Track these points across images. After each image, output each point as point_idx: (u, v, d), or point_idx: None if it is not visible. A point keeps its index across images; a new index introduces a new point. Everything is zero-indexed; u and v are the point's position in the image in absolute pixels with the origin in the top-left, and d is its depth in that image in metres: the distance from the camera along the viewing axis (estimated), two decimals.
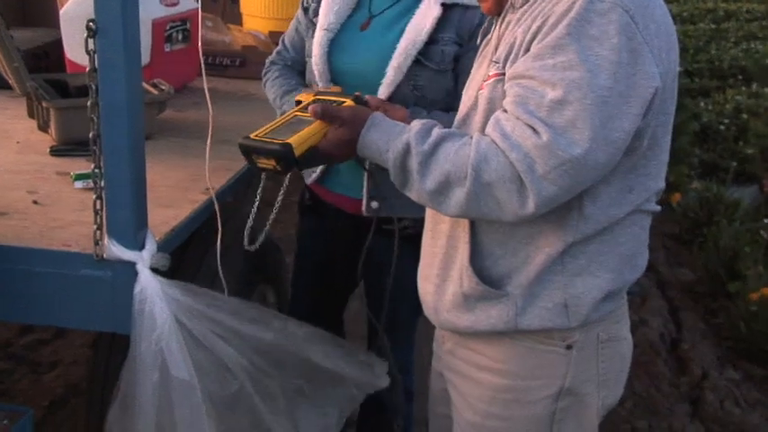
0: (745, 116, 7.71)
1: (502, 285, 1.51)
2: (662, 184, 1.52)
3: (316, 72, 2.14)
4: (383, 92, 2.03)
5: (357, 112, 1.52)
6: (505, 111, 1.37)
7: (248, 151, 1.49)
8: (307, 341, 1.99)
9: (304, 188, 2.37)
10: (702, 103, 8.39)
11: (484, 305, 1.53)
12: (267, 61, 2.35)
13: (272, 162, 1.47)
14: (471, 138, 1.38)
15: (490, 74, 1.47)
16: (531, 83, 1.33)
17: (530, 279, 1.48)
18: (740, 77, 10.10)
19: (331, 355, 2.05)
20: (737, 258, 4.38)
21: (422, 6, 2.06)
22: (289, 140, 1.45)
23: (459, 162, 1.35)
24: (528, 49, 1.38)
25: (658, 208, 1.55)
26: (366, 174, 2.06)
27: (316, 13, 2.18)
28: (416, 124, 1.44)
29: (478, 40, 1.69)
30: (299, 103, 1.65)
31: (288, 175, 2.16)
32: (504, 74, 1.43)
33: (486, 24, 1.67)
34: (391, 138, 1.44)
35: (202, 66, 1.83)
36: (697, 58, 11.30)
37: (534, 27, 1.38)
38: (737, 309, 3.93)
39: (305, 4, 2.25)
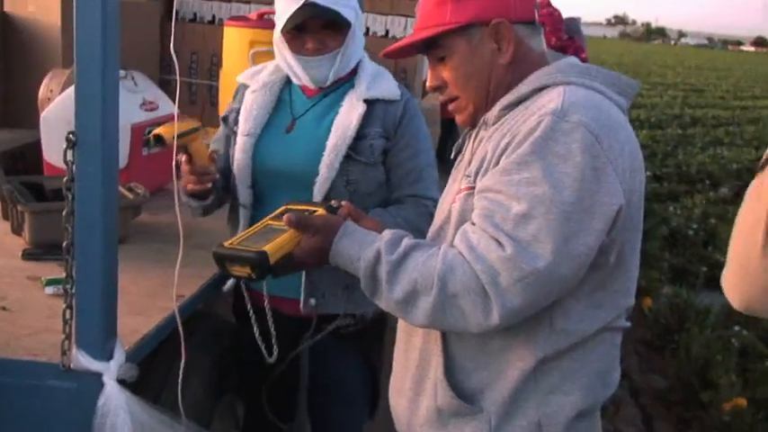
0: (713, 221, 7.85)
1: (476, 400, 1.51)
2: (631, 301, 1.55)
3: (238, 176, 2.20)
4: (319, 190, 2.09)
5: (329, 220, 1.55)
6: (473, 223, 1.41)
7: (222, 260, 1.51)
8: None
9: (236, 294, 2.36)
10: (671, 208, 8.55)
11: (458, 421, 1.52)
12: None
13: (247, 269, 1.48)
14: (440, 248, 1.42)
15: (462, 187, 1.52)
16: (497, 197, 1.38)
17: (504, 396, 1.48)
18: (707, 182, 10.33)
19: None
20: (709, 366, 4.38)
21: (345, 104, 2.16)
22: (264, 248, 1.47)
23: (425, 272, 1.39)
24: (497, 164, 1.42)
25: (628, 324, 1.57)
26: (303, 272, 2.09)
27: (235, 122, 2.25)
28: (387, 234, 1.48)
29: (452, 155, 1.73)
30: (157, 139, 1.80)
31: None
32: (473, 187, 1.47)
33: (459, 141, 1.72)
34: (363, 247, 1.48)
35: (174, 174, 1.86)
36: (665, 162, 11.60)
37: (503, 143, 1.43)
38: (711, 419, 3.92)
39: (224, 115, 2.34)
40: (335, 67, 2.15)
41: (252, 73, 2.32)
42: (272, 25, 3.29)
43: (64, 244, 1.61)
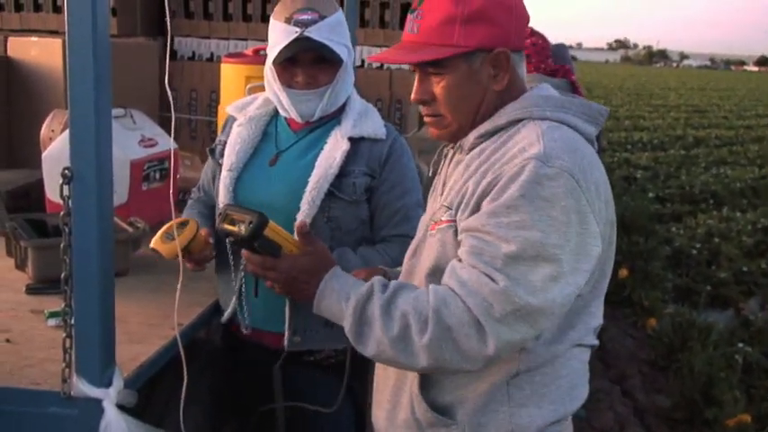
0: (716, 240, 7.88)
1: (451, 413, 1.57)
2: (600, 321, 1.61)
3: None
4: None
5: (328, 254, 1.63)
6: (460, 260, 1.45)
7: (227, 209, 1.64)
8: None
9: (214, 329, 2.39)
10: (674, 228, 8.57)
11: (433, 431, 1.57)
12: (189, 198, 2.49)
13: (242, 226, 1.58)
14: (427, 286, 1.47)
15: (443, 219, 1.55)
16: (486, 237, 1.41)
17: (476, 408, 1.54)
18: (711, 202, 10.36)
19: None
20: (713, 384, 4.41)
21: (330, 141, 2.16)
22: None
23: (419, 307, 1.43)
24: (479, 204, 1.46)
25: (597, 342, 1.62)
26: (287, 307, 2.12)
27: (221, 155, 2.27)
28: (376, 278, 1.54)
29: (429, 172, 1.79)
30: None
31: None
32: (454, 221, 1.51)
33: (435, 157, 1.76)
34: (353, 287, 1.53)
35: (173, 207, 1.91)
36: (668, 183, 11.63)
37: (484, 183, 1.46)
38: None
39: (212, 147, 2.36)
40: (324, 103, 2.16)
41: (241, 105, 2.33)
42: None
43: (62, 276, 1.67)
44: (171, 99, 1.99)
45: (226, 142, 2.27)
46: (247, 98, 2.36)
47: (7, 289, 2.41)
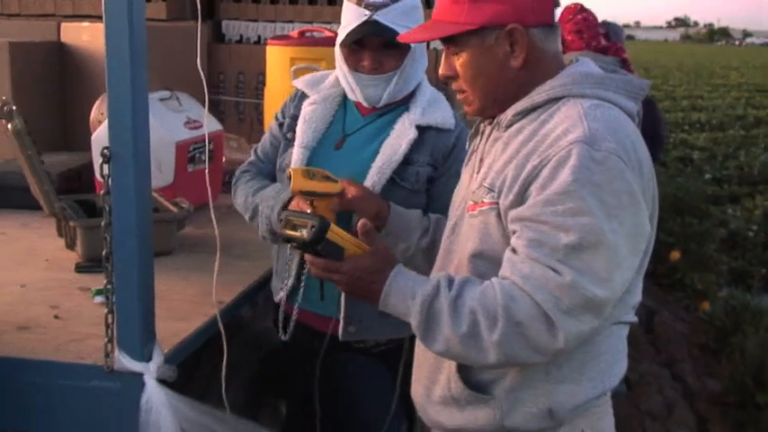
0: None
1: (488, 390, 1.58)
2: (639, 297, 1.60)
3: (286, 184, 2.16)
4: None
5: (390, 253, 1.62)
6: (514, 251, 1.44)
7: (287, 217, 1.62)
8: None
9: (262, 309, 2.41)
10: (731, 210, 8.40)
11: (471, 408, 1.59)
12: (237, 171, 2.39)
13: (304, 231, 1.56)
14: (490, 281, 1.45)
15: (484, 200, 1.54)
16: (542, 227, 1.40)
17: (514, 385, 1.55)
18: None
19: None
20: (765, 368, 4.32)
21: (397, 127, 2.13)
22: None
23: (487, 304, 1.42)
24: (525, 188, 1.45)
25: (635, 319, 1.62)
26: (342, 296, 2.08)
27: (290, 129, 2.24)
28: (441, 275, 1.53)
29: (467, 146, 1.79)
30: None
31: None
32: (497, 203, 1.50)
33: (472, 131, 1.77)
34: (417, 284, 1.51)
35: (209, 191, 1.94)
36: (725, 164, 11.39)
37: (529, 167, 1.45)
38: (767, 420, 3.87)
39: (279, 119, 2.32)
40: (390, 89, 2.13)
41: (312, 82, 2.29)
42: (311, 42, 3.42)
43: (103, 253, 1.72)
44: (204, 80, 1.99)
45: (295, 117, 2.25)
46: (317, 74, 2.32)
47: (58, 268, 2.48)
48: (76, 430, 1.83)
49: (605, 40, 4.16)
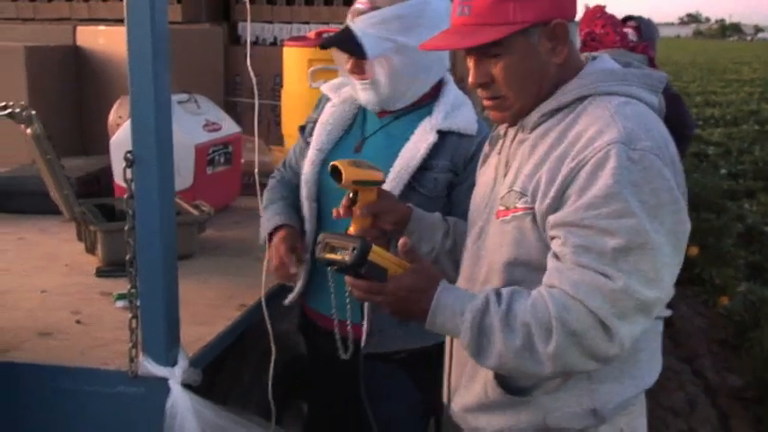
0: None
1: (528, 392, 1.56)
2: (673, 291, 1.57)
3: (304, 189, 2.17)
4: None
5: (432, 268, 1.56)
6: (557, 257, 1.42)
7: (327, 239, 1.55)
8: None
9: (284, 312, 2.36)
10: (747, 205, 8.35)
11: (512, 411, 1.58)
12: (270, 178, 2.40)
13: (347, 254, 1.49)
14: (539, 292, 1.42)
15: (517, 206, 1.51)
16: (587, 232, 1.38)
17: (556, 386, 1.53)
18: None
19: None
20: None
21: (417, 131, 2.07)
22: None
23: (539, 316, 1.39)
24: (562, 192, 1.42)
25: (669, 312, 1.60)
26: (366, 308, 2.04)
27: (311, 133, 2.23)
28: (489, 289, 1.48)
29: (485, 147, 1.77)
30: (335, 171, 1.70)
31: None
32: (532, 208, 1.48)
33: (493, 132, 1.74)
34: (464, 300, 1.47)
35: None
36: (741, 159, 11.32)
37: (565, 170, 1.43)
38: None
39: (302, 125, 2.32)
40: (384, 93, 2.08)
41: (337, 85, 2.26)
42: None
43: (127, 257, 1.72)
44: (255, 83, 2.11)
45: (317, 121, 2.23)
46: (343, 78, 2.27)
47: (78, 272, 2.48)
48: None
49: (637, 34, 4.17)
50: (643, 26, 4.33)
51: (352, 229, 1.72)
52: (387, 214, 1.76)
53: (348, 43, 2.03)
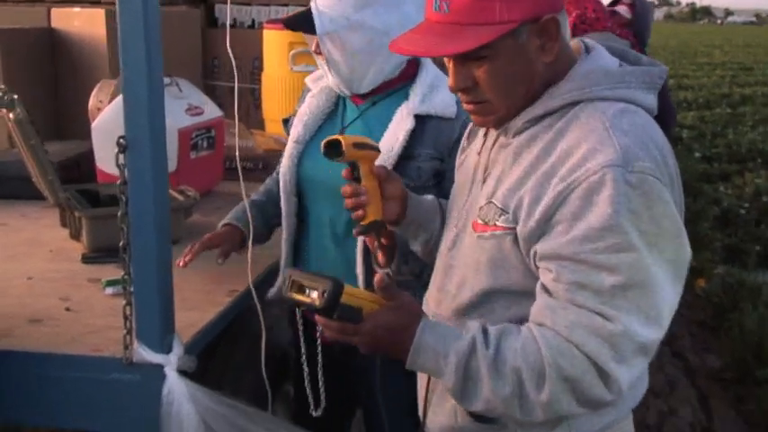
0: (765, 199, 7.75)
1: (497, 420, 1.44)
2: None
3: (281, 182, 2.12)
4: None
5: (414, 303, 1.43)
6: (548, 293, 1.31)
7: (293, 279, 1.40)
8: None
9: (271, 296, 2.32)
10: (722, 188, 8.44)
11: None
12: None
13: (314, 294, 1.36)
14: (530, 331, 1.32)
15: (498, 223, 1.39)
16: (582, 267, 1.27)
17: None
18: (759, 160, 10.17)
19: None
20: (764, 343, 4.36)
21: (395, 118, 1.98)
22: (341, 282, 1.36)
23: (531, 361, 1.29)
24: (549, 215, 1.30)
25: None
26: None
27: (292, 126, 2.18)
28: (472, 325, 1.37)
29: (463, 140, 1.68)
30: (331, 145, 1.59)
31: None
32: (513, 229, 1.36)
33: (469, 129, 1.66)
34: (448, 341, 1.35)
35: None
36: (714, 143, 11.45)
37: (552, 193, 1.30)
38: (767, 395, 3.89)
39: (286, 118, 2.28)
40: (343, 77, 2.00)
41: (319, 75, 2.18)
42: None
43: (120, 244, 1.69)
44: (234, 66, 2.09)
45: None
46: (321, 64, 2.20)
47: (63, 258, 2.45)
48: (96, 423, 1.81)
49: (631, 11, 4.17)
50: (638, 2, 4.32)
51: (367, 202, 1.60)
52: (391, 182, 1.64)
53: (304, 21, 1.97)
